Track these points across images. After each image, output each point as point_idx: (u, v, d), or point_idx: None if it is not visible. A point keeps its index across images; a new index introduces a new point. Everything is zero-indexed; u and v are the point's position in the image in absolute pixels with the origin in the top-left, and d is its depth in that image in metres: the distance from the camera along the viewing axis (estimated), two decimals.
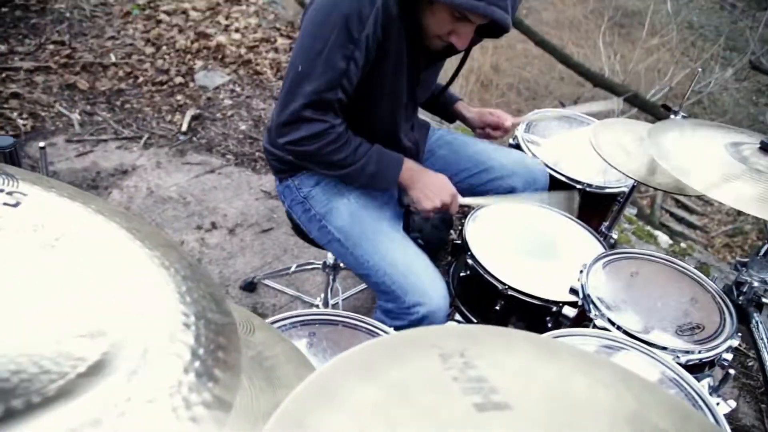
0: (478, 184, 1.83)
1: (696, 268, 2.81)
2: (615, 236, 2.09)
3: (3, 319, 0.49)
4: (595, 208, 2.05)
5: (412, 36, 1.45)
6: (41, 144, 1.23)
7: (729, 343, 1.29)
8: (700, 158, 1.36)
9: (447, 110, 1.92)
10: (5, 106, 2.93)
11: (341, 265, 2.10)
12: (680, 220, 6.72)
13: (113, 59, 3.41)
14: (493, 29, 1.45)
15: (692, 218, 6.81)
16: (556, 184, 1.95)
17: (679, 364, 1.18)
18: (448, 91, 1.91)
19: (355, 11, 1.33)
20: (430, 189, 1.56)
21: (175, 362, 0.52)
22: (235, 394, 0.53)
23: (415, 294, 1.49)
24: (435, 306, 1.48)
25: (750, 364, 2.44)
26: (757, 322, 1.43)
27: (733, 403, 1.23)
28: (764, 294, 1.44)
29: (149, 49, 3.53)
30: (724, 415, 1.25)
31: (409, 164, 1.57)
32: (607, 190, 1.99)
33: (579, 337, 1.20)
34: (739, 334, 1.33)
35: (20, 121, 2.87)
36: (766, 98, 9.04)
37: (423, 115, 1.88)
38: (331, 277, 2.11)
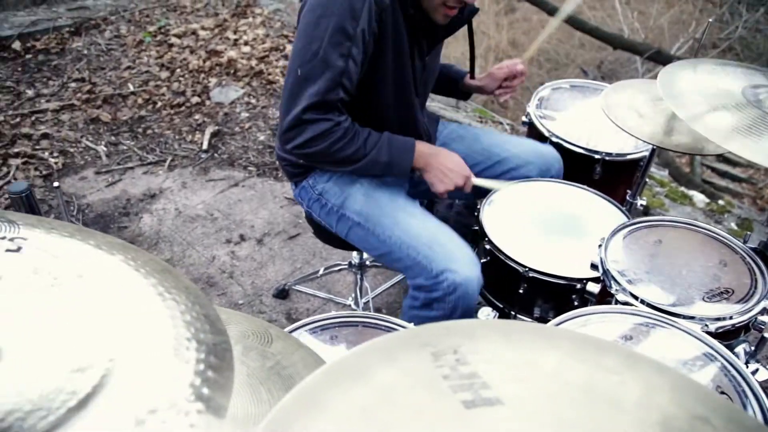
0: (492, 176, 1.81)
1: (737, 225, 2.72)
2: (643, 203, 2.02)
3: (1, 364, 0.52)
4: (618, 177, 1.99)
5: (410, 23, 1.43)
6: (55, 183, 1.29)
7: (763, 304, 1.23)
8: (715, 105, 1.28)
9: (457, 87, 1.90)
10: (37, 147, 3.05)
11: (368, 263, 2.11)
12: (723, 174, 6.34)
13: (131, 88, 3.50)
14: None
15: (735, 171, 6.43)
16: (573, 158, 1.91)
17: (709, 333, 1.14)
18: (454, 68, 1.89)
19: (347, 7, 1.32)
20: (444, 172, 1.54)
21: (163, 386, 0.55)
22: (225, 411, 0.55)
23: (442, 261, 1.47)
24: (465, 274, 1.45)
25: None
26: None
27: None
28: None
29: (164, 74, 3.61)
30: None
31: (421, 147, 1.55)
32: (629, 157, 1.92)
33: (599, 315, 1.17)
34: None
35: (52, 160, 2.98)
36: None
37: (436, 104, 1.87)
38: (358, 276, 2.12)
